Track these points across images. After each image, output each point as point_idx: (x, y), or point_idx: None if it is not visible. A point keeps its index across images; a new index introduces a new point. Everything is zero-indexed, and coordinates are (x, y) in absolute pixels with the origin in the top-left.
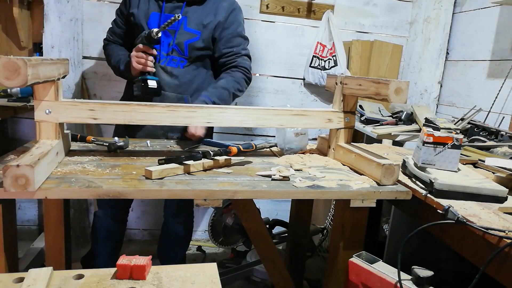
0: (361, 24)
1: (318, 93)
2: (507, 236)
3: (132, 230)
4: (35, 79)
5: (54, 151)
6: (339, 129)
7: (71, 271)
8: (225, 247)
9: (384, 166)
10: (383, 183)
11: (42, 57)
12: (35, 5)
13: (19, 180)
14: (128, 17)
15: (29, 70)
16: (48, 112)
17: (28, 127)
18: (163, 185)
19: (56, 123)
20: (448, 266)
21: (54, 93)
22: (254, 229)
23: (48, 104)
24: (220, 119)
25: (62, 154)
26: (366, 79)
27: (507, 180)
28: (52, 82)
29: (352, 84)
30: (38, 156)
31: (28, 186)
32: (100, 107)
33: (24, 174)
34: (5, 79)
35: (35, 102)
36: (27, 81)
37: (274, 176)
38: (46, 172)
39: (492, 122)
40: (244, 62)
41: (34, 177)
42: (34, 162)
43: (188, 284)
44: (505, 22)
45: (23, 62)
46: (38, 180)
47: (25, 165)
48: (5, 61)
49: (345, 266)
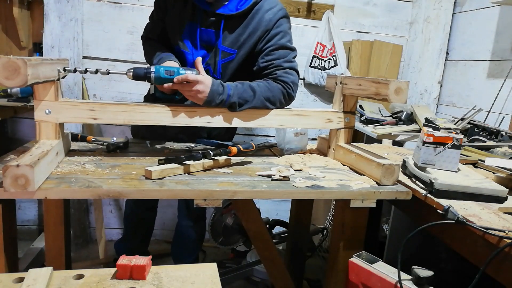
0: (361, 24)
1: (318, 93)
2: (507, 236)
3: None
4: (35, 79)
5: (54, 151)
6: (339, 129)
7: (71, 271)
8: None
9: (384, 166)
10: (383, 183)
11: (42, 57)
12: (35, 5)
13: (19, 180)
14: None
15: (29, 70)
16: (48, 112)
17: (28, 127)
18: (163, 185)
19: (56, 123)
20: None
21: (54, 93)
22: (254, 229)
23: (48, 104)
24: (221, 119)
25: (62, 154)
26: (366, 79)
27: (507, 180)
28: (52, 82)
29: (352, 84)
30: (38, 156)
31: (28, 186)
32: (100, 107)
33: (24, 174)
34: (5, 79)
35: (35, 102)
36: (27, 81)
37: (274, 176)
38: (46, 172)
39: (492, 122)
40: (285, 75)
41: (34, 177)
42: (34, 162)
43: (188, 284)
44: (505, 22)
45: (23, 62)
46: (38, 180)
47: (25, 165)
48: (5, 61)
49: (345, 266)
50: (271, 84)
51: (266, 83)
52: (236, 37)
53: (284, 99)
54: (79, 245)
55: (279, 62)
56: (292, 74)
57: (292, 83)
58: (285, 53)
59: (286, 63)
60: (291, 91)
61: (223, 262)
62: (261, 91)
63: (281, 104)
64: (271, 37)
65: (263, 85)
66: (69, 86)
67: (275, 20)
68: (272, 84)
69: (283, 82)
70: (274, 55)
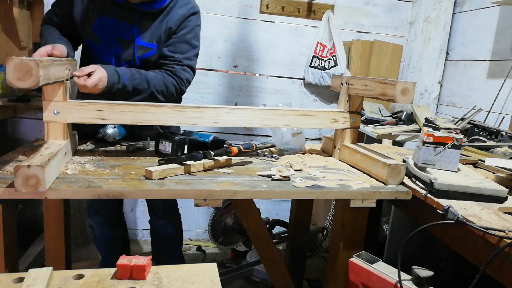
0: (361, 24)
1: (318, 93)
2: (507, 236)
3: (132, 230)
4: (46, 80)
5: (62, 151)
6: (345, 129)
7: (71, 271)
8: (225, 247)
9: (390, 166)
10: (389, 183)
11: (52, 58)
12: (35, 5)
13: (30, 181)
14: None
15: (41, 71)
16: (57, 113)
17: (28, 127)
18: (163, 185)
19: (64, 123)
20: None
21: (63, 94)
22: (254, 229)
23: (57, 105)
24: (227, 119)
25: (69, 155)
26: (372, 80)
27: (507, 180)
28: (61, 82)
29: (358, 84)
30: (48, 156)
31: (39, 186)
32: (108, 107)
33: (35, 174)
34: (17, 80)
35: (44, 103)
36: (39, 82)
37: (274, 176)
38: (55, 172)
39: (492, 122)
40: (182, 72)
41: (44, 177)
42: (44, 162)
43: (188, 284)
44: (505, 22)
45: (35, 63)
46: (48, 180)
47: (36, 166)
48: (17, 62)
49: (345, 266)
50: (166, 79)
51: (162, 77)
52: (153, 31)
53: (176, 93)
54: (79, 245)
55: (179, 58)
56: (188, 72)
57: (186, 80)
58: (187, 49)
59: (186, 60)
60: (184, 87)
61: (223, 262)
62: (155, 84)
63: (172, 97)
64: (179, 30)
65: (159, 79)
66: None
67: (186, 15)
68: (167, 79)
69: (178, 78)
70: (177, 47)
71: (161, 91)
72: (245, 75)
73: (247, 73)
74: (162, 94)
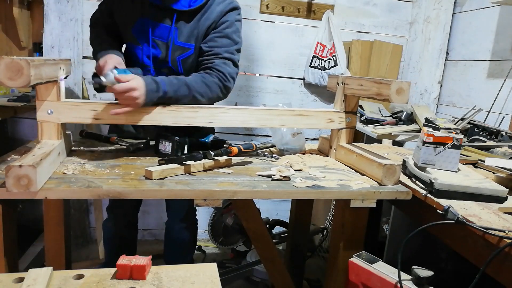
0: (361, 24)
1: (318, 93)
2: (507, 236)
3: None
4: (37, 80)
5: (56, 151)
6: (341, 130)
7: (71, 271)
8: (225, 247)
9: (385, 166)
10: (384, 183)
11: (45, 57)
12: (35, 5)
13: (22, 181)
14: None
15: (32, 70)
16: (50, 112)
17: (28, 127)
18: (163, 185)
19: (58, 123)
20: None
21: (56, 93)
22: (254, 229)
23: (50, 105)
24: (223, 119)
25: (64, 155)
26: (368, 80)
27: (507, 180)
28: (54, 82)
29: (354, 84)
30: (40, 156)
31: (31, 186)
32: (101, 107)
33: (27, 174)
34: (8, 79)
35: (37, 103)
36: (30, 82)
37: (274, 176)
38: (48, 172)
39: (492, 122)
40: (223, 66)
41: (36, 177)
42: (36, 162)
43: (188, 284)
44: (505, 22)
45: (26, 63)
46: (40, 180)
47: (28, 166)
48: (8, 62)
49: (345, 266)
50: (206, 79)
51: (202, 77)
52: (191, 31)
53: (222, 93)
54: (79, 245)
55: (219, 51)
56: (230, 65)
57: (229, 74)
58: (228, 43)
59: (227, 53)
60: (228, 83)
61: (223, 262)
62: (195, 87)
63: (218, 98)
64: (218, 25)
65: (199, 80)
66: (69, 86)
67: (225, 11)
68: (207, 79)
69: (220, 72)
70: (217, 42)
71: (204, 93)
72: (245, 75)
73: (247, 73)
74: (206, 97)
